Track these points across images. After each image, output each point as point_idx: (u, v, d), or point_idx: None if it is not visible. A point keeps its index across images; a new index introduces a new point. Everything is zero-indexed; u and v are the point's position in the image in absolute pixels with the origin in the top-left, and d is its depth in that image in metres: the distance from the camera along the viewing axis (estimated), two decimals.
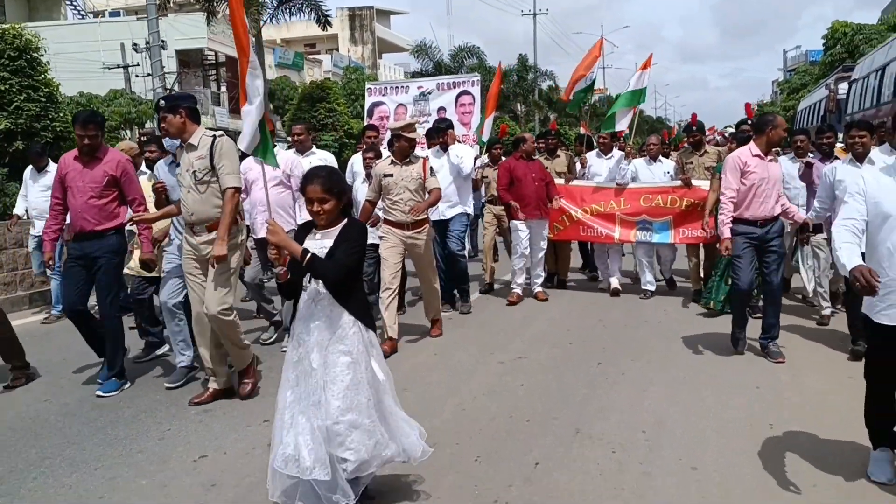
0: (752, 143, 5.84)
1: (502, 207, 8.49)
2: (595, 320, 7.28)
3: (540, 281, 8.45)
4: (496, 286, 9.06)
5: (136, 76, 29.85)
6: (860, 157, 5.85)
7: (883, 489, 3.51)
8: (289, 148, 7.66)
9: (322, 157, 7.32)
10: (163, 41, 30.64)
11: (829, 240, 5.72)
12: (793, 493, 3.49)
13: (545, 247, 8.42)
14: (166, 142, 5.64)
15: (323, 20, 20.99)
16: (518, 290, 8.26)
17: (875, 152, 5.79)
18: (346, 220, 3.39)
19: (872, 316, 3.48)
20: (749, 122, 8.48)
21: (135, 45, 29.98)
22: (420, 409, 4.56)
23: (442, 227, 7.62)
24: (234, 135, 6.41)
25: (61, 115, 9.57)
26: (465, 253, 8.09)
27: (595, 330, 6.89)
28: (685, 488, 3.59)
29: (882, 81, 14.38)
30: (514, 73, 36.43)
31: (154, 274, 5.91)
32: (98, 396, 5.24)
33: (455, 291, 7.89)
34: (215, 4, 21.65)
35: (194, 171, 4.88)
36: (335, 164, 7.09)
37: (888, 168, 3.50)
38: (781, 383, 5.19)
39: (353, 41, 54.00)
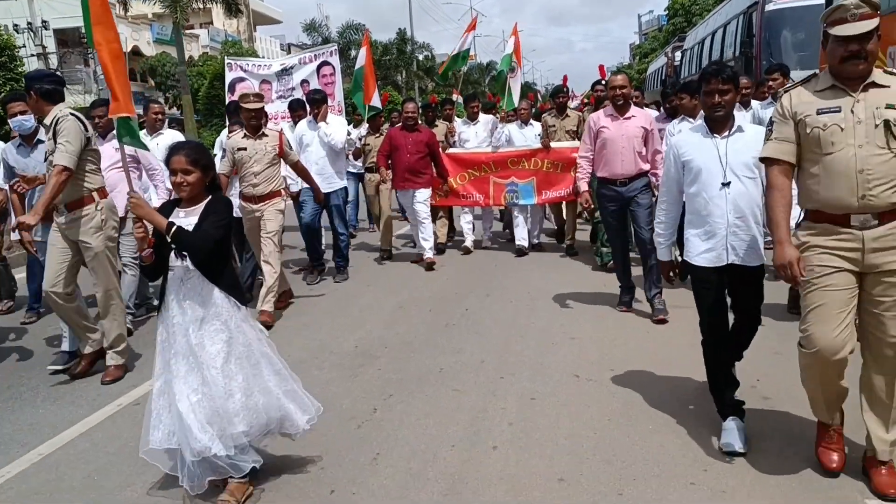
0: (609, 105, 6.18)
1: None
2: (489, 249, 9.79)
3: (428, 246, 8.43)
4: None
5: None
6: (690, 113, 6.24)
7: None
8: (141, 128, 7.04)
9: (172, 139, 6.87)
10: (45, 21, 30.68)
11: None
12: (625, 313, 6.15)
13: (423, 213, 8.44)
14: (13, 122, 5.54)
15: (234, 8, 22.33)
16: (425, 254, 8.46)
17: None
18: (210, 196, 3.35)
19: (692, 260, 3.69)
20: (602, 82, 8.96)
21: (16, 25, 29.91)
22: (398, 286, 7.44)
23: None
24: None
25: None
26: (346, 228, 8.16)
27: (489, 252, 9.39)
28: (557, 315, 6.15)
29: (702, 51, 17.66)
30: (394, 47, 38.74)
31: None
32: None
33: (334, 262, 8.04)
34: None
35: (46, 152, 4.88)
36: None
37: (696, 127, 3.83)
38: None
39: (227, 14, 53.89)
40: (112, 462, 3.78)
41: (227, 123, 7.66)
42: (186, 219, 3.25)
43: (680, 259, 3.94)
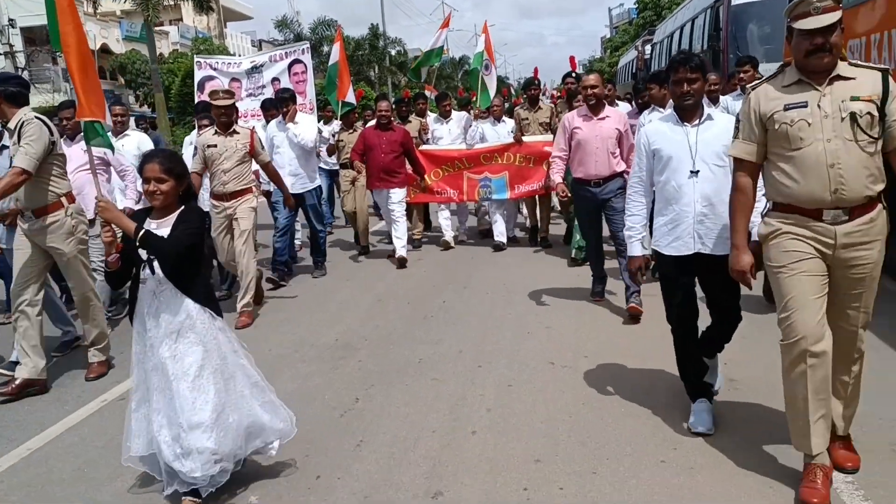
0: (582, 104, 6.19)
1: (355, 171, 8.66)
2: (466, 244, 9.94)
3: (400, 244, 8.32)
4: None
5: None
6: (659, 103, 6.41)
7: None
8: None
9: (138, 140, 7.32)
10: (11, 20, 30.27)
11: None
12: (596, 303, 6.32)
13: (398, 213, 8.32)
14: None
15: (205, 4, 22.17)
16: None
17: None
18: (183, 206, 3.30)
19: (661, 249, 3.72)
20: (573, 74, 8.87)
21: None
22: (376, 280, 7.56)
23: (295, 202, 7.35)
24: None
25: None
26: (324, 225, 8.26)
27: (466, 246, 9.54)
28: (532, 306, 6.31)
29: (671, 45, 17.91)
30: (366, 42, 38.77)
31: None
32: None
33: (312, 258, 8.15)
34: None
35: (11, 157, 4.79)
36: (150, 146, 7.07)
37: (666, 116, 3.88)
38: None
39: (197, 11, 53.36)
40: (101, 455, 3.87)
41: (196, 121, 7.58)
42: (158, 230, 3.21)
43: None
